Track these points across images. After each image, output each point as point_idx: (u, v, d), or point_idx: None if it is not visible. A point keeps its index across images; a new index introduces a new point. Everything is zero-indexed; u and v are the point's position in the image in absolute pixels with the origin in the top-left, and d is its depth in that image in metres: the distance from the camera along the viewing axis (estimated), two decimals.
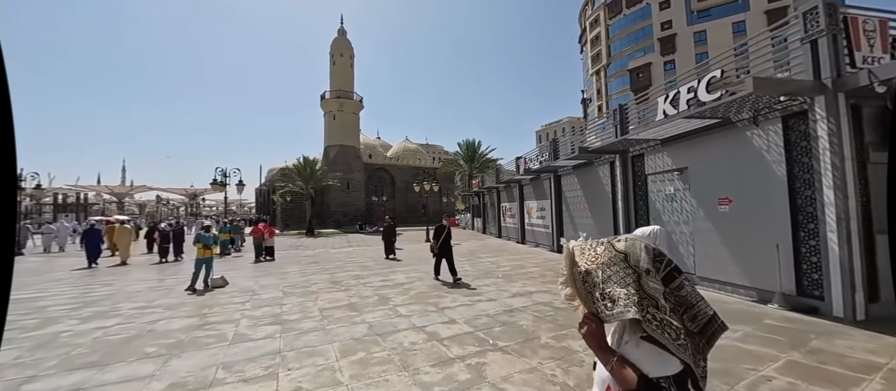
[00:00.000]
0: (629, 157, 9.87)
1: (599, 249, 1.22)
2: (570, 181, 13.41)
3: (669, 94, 7.98)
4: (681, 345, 1.07)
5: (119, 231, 15.53)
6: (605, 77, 54.99)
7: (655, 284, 1.12)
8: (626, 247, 1.18)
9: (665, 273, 1.13)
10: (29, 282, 10.49)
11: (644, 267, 1.12)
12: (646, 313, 1.09)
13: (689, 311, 1.11)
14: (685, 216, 8.11)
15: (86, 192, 53.73)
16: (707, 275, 7.45)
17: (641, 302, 1.10)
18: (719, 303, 6.31)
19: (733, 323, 5.10)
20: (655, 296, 1.11)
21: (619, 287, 1.14)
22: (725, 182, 7.12)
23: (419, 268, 10.95)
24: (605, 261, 1.19)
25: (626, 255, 1.16)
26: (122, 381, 3.92)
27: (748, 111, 6.55)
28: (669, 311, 1.10)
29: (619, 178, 10.05)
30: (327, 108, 40.75)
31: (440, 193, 47.62)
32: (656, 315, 1.09)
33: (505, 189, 20.68)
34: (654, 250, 1.15)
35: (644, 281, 1.13)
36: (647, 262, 1.13)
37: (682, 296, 1.12)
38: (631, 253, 1.16)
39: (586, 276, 1.21)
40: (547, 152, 14.66)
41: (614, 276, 1.17)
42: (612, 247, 1.18)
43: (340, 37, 42.06)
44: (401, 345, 4.71)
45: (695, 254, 7.79)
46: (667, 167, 8.59)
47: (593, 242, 1.26)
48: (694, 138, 7.87)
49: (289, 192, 32.77)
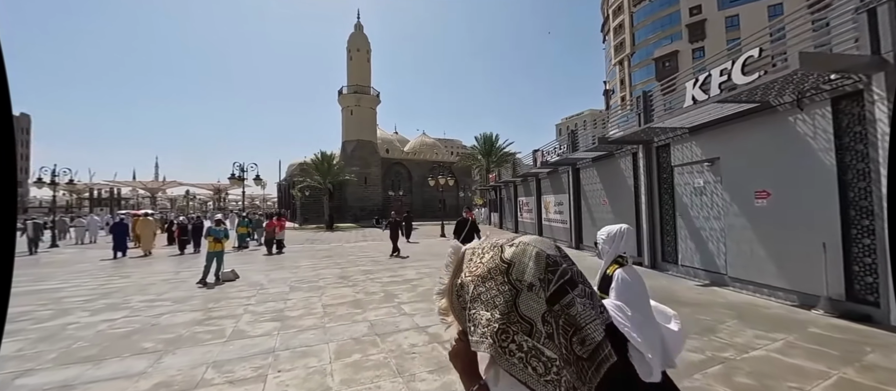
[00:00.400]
0: (654, 147, 9.21)
1: (486, 257, 1.01)
2: (589, 174, 12.77)
3: (699, 78, 7.33)
4: (549, 380, 0.89)
5: (142, 223, 16.03)
6: (629, 67, 52.91)
7: (536, 303, 0.94)
8: (513, 255, 0.99)
9: (557, 287, 0.95)
10: (55, 273, 10.87)
11: (527, 281, 0.94)
12: (507, 344, 0.92)
13: (578, 334, 0.94)
14: (716, 211, 7.45)
15: (119, 187, 56.52)
16: (740, 276, 6.81)
17: (507, 329, 0.93)
18: (755, 307, 5.72)
19: (772, 330, 4.55)
20: (532, 318, 0.93)
21: (484, 309, 0.97)
22: (763, 173, 6.44)
23: (430, 264, 10.67)
24: (482, 272, 0.99)
25: (510, 266, 0.97)
26: (112, 378, 3.81)
27: (791, 93, 5.85)
28: (545, 338, 0.92)
29: (643, 171, 9.41)
30: (345, 104, 40.98)
31: (457, 188, 47.30)
32: (525, 343, 0.92)
33: (522, 183, 20.12)
34: (549, 259, 0.97)
35: (523, 299, 0.95)
36: (533, 275, 0.95)
37: (571, 316, 0.94)
38: (516, 263, 0.97)
39: (461, 290, 1.02)
40: (565, 144, 14.04)
41: (486, 294, 0.98)
42: (500, 253, 0.99)
43: (357, 32, 42.08)
44: (400, 346, 4.42)
45: (726, 253, 7.15)
46: (696, 158, 7.91)
47: (487, 245, 1.04)
48: (727, 126, 7.19)
49: (307, 186, 33.20)
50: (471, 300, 0.98)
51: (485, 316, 0.95)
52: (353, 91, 40.51)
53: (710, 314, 5.34)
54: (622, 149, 10.53)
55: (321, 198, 33.34)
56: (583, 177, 13.25)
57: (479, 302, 0.97)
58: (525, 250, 0.97)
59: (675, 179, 8.62)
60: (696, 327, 4.78)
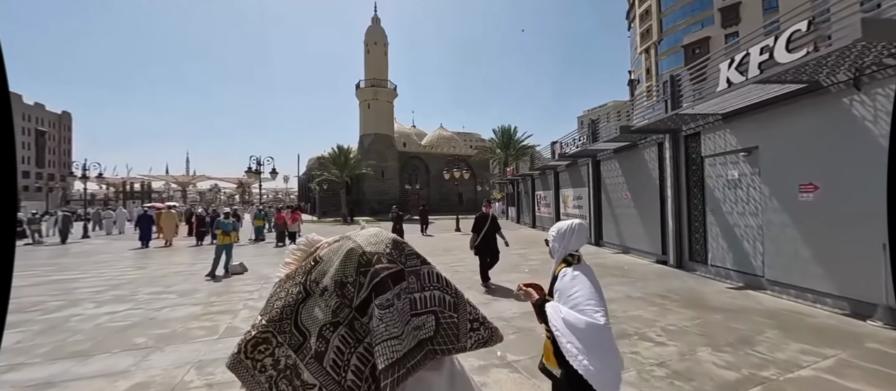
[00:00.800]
0: (682, 136, 8.47)
1: (321, 252, 0.94)
2: (610, 167, 12.05)
3: (735, 57, 6.59)
4: None
5: (164, 216, 16.53)
6: (656, 55, 50.48)
7: (322, 312, 0.83)
8: (328, 252, 0.89)
9: (366, 294, 0.81)
10: (78, 263, 11.22)
11: (324, 284, 0.83)
12: (262, 357, 0.80)
13: (366, 349, 0.80)
14: (752, 206, 6.72)
15: (151, 182, 59.14)
16: (779, 279, 6.10)
17: (271, 339, 0.82)
18: (798, 315, 5.05)
19: (820, 344, 3.93)
20: (309, 330, 0.82)
21: (261, 314, 0.88)
22: (809, 164, 5.70)
23: (441, 260, 10.33)
24: (291, 270, 0.92)
25: (316, 265, 0.87)
26: (94, 376, 3.66)
27: (847, 70, 5.10)
28: (311, 357, 0.79)
29: (669, 162, 8.68)
30: (362, 97, 41.06)
31: (474, 181, 46.73)
32: (285, 360, 0.80)
33: (539, 176, 19.45)
34: (364, 258, 0.84)
35: (308, 306, 0.84)
36: (333, 277, 0.83)
37: (368, 328, 0.81)
38: (325, 261, 0.87)
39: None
40: (585, 135, 13.31)
41: (276, 295, 0.90)
42: (323, 248, 0.92)
43: (374, 25, 41.94)
44: None
45: (764, 253, 6.44)
46: (730, 147, 7.17)
47: (332, 238, 0.97)
48: (767, 111, 6.44)
49: (325, 180, 33.50)
50: (269, 299, 0.86)
51: (256, 321, 0.82)
52: (371, 85, 40.52)
53: (745, 322, 4.74)
54: (647, 139, 9.80)
55: (339, 192, 33.60)
56: (603, 169, 12.53)
57: (269, 304, 0.85)
58: (342, 245, 0.87)
59: (705, 171, 7.89)
60: (729, 337, 4.22)
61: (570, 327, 1.52)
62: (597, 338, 1.50)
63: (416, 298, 0.86)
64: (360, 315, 0.83)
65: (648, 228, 9.82)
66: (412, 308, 0.85)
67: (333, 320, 0.83)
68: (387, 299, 0.82)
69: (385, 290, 0.83)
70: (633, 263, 9.30)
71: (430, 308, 0.87)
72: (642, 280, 7.36)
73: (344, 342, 0.81)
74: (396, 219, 12.63)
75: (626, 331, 4.46)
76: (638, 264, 9.17)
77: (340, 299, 0.84)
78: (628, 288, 6.70)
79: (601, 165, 12.66)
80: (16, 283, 8.14)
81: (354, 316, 0.83)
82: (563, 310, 1.59)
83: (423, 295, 0.87)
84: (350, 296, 0.84)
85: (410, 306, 0.85)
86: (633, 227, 10.65)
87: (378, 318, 0.80)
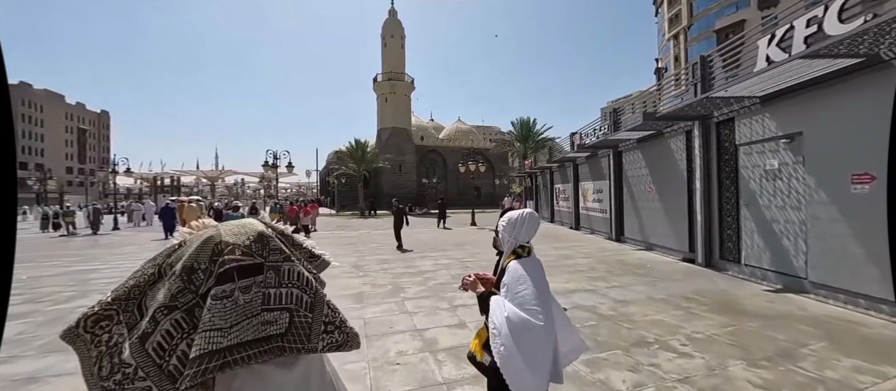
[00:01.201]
0: (713, 123, 7.74)
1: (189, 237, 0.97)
2: (633, 158, 11.32)
3: (776, 32, 5.88)
4: (107, 388, 0.78)
5: (185, 208, 17.06)
6: (685, 41, 47.95)
7: (163, 295, 0.83)
8: (193, 237, 0.90)
9: (217, 277, 0.82)
10: (101, 254, 11.58)
11: (175, 268, 0.83)
12: (101, 333, 0.81)
13: (191, 339, 0.80)
14: (794, 199, 6.01)
15: (180, 176, 61.67)
16: (826, 282, 5.41)
17: (112, 316, 0.82)
18: (849, 325, 4.41)
19: (879, 361, 3.35)
20: (147, 310, 0.83)
21: (112, 291, 0.88)
22: (864, 151, 4.97)
23: (453, 255, 9.99)
24: (166, 250, 0.93)
25: (178, 248, 0.90)
26: (74, 373, 3.54)
27: None
28: (137, 338, 0.79)
29: (699, 151, 7.96)
30: (379, 91, 41.03)
31: (493, 175, 46.04)
32: (119, 338, 0.80)
33: (558, 169, 18.74)
34: (218, 247, 0.85)
35: (157, 286, 0.86)
36: (188, 261, 0.84)
37: (197, 318, 0.82)
38: (187, 244, 0.88)
39: None
40: (606, 124, 12.59)
41: (133, 275, 0.90)
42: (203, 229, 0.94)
43: (391, 17, 41.68)
44: (386, 354, 3.79)
45: (807, 252, 5.74)
46: (769, 133, 6.45)
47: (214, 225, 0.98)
48: (814, 91, 5.71)
49: (342, 174, 33.76)
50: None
51: (102, 298, 0.85)
52: (388, 78, 40.40)
53: (785, 332, 4.16)
54: (673, 127, 9.07)
55: (356, 186, 33.80)
56: (626, 160, 11.80)
57: (121, 284, 0.87)
58: (205, 233, 0.90)
59: (739, 161, 7.16)
60: (767, 349, 3.68)
61: (510, 327, 1.50)
62: (533, 340, 1.48)
63: (271, 294, 0.86)
64: (203, 303, 0.82)
65: (674, 223, 9.13)
66: (265, 303, 0.85)
67: (170, 304, 0.83)
68: (224, 290, 0.82)
69: (226, 282, 0.83)
70: (656, 261, 8.66)
71: (286, 305, 0.87)
72: (666, 280, 6.77)
73: (176, 327, 0.81)
74: (396, 213, 12.09)
75: (645, 339, 3.99)
76: (662, 262, 8.53)
77: (184, 284, 0.84)
78: (650, 288, 6.16)
79: (623, 156, 11.93)
80: (38, 273, 8.44)
81: (198, 303, 0.83)
82: (508, 307, 1.55)
83: (280, 291, 0.87)
84: (198, 282, 0.84)
85: (263, 301, 0.85)
86: (657, 222, 9.96)
87: (207, 308, 0.81)
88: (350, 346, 0.96)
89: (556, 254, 9.77)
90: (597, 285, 6.40)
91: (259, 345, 0.83)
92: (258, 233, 0.93)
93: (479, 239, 13.08)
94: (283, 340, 0.86)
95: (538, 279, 1.62)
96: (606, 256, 9.35)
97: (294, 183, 79.08)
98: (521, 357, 1.45)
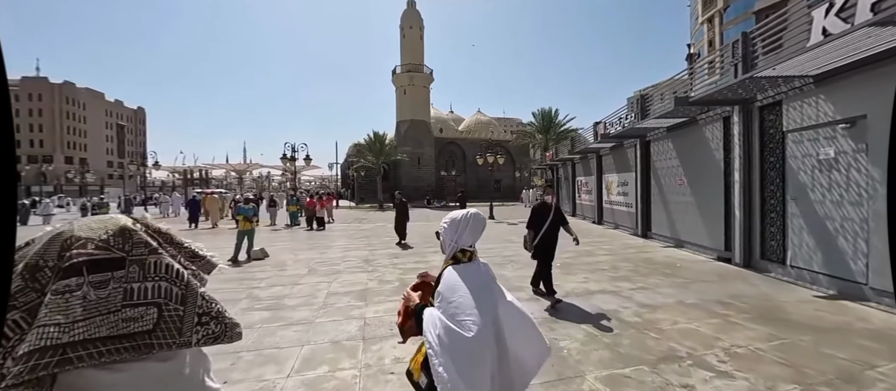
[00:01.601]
0: (755, 107, 6.95)
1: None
2: (662, 148, 10.53)
3: (835, 1, 5.10)
4: None
5: (209, 199, 17.53)
6: (721, 25, 45.08)
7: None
8: (47, 232, 0.86)
9: (63, 271, 0.79)
10: None
11: (17, 267, 0.81)
12: None
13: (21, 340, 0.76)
14: (854, 193, 5.26)
15: (209, 170, 64.22)
16: (891, 290, 4.67)
17: None
18: None
19: None
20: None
21: None
22: None
23: None
24: None
25: (28, 244, 0.86)
26: None
27: None
28: None
29: (738, 139, 7.19)
30: (398, 83, 40.84)
31: (513, 167, 45.17)
32: None
33: (580, 160, 17.94)
34: (68, 242, 0.81)
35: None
36: (33, 258, 0.81)
37: (28, 319, 0.77)
38: (36, 242, 0.85)
39: None
40: (633, 113, 11.78)
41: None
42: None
43: (410, 8, 41.23)
44: (380, 361, 3.49)
45: (868, 254, 5.02)
46: (825, 118, 5.67)
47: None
48: (880, 68, 4.94)
49: (362, 166, 33.90)
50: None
51: None
52: (407, 70, 40.11)
53: (845, 349, 3.55)
54: (708, 113, 8.29)
55: (375, 178, 33.89)
56: (654, 151, 11.01)
57: None
58: (56, 229, 0.88)
59: (787, 150, 6.39)
60: (825, 370, 3.11)
61: (442, 344, 1.36)
62: (466, 355, 1.36)
63: (135, 288, 0.82)
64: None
65: (708, 219, 8.38)
66: (126, 298, 0.81)
67: (33, 297, 0.79)
68: (67, 285, 0.78)
69: (73, 276, 0.79)
70: (687, 260, 7.97)
71: (153, 299, 0.83)
72: (699, 282, 6.15)
73: (14, 329, 0.75)
74: (399, 206, 11.38)
75: (676, 352, 3.49)
76: (694, 261, 7.84)
77: (26, 283, 0.78)
78: (680, 291, 5.57)
79: (651, 146, 11.13)
80: None
81: (43, 302, 0.79)
82: (440, 323, 1.41)
83: (145, 285, 0.83)
84: (44, 281, 0.79)
85: (123, 296, 0.80)
86: (688, 218, 9.21)
87: (45, 304, 0.77)
88: (229, 337, 0.91)
89: (578, 250, 9.20)
90: (620, 286, 5.88)
91: (118, 342, 0.78)
92: (120, 227, 0.88)
93: (497, 233, 12.62)
94: (152, 337, 0.82)
95: (476, 285, 1.47)
96: (631, 254, 8.71)
97: (318, 176, 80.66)
98: (459, 376, 1.32)
